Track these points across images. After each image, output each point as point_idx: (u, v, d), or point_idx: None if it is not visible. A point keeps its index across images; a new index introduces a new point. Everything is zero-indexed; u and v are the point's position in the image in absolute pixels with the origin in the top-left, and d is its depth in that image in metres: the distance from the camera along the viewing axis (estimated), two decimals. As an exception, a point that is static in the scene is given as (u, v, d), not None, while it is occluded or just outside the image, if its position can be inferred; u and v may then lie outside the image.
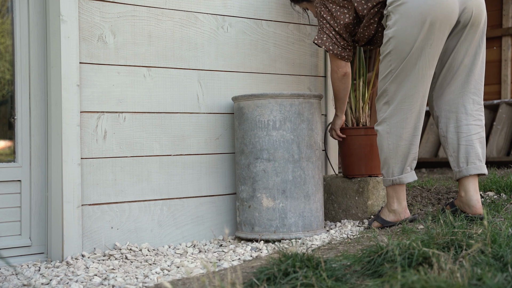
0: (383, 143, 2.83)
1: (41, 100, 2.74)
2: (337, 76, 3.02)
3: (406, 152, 2.80)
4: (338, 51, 2.96)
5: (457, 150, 2.83)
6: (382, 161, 2.86)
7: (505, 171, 4.01)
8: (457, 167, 2.84)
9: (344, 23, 2.91)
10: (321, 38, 2.97)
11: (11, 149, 2.73)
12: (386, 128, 2.81)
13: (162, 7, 2.94)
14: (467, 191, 2.80)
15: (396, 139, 2.79)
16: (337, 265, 1.98)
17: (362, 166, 3.17)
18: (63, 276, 2.36)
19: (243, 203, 2.96)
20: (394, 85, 2.77)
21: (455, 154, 2.84)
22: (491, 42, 5.95)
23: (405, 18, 2.68)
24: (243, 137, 2.95)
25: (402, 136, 2.78)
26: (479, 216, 2.76)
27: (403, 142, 2.79)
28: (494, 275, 1.77)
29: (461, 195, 2.82)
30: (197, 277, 2.10)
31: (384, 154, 2.83)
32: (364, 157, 3.16)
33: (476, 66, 2.83)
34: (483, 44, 2.83)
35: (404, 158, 2.81)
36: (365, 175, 3.18)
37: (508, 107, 5.24)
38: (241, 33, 3.18)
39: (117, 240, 2.80)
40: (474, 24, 2.76)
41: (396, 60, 2.74)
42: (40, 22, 2.73)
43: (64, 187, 2.65)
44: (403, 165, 2.81)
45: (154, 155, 2.91)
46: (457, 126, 2.83)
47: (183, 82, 3.00)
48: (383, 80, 2.82)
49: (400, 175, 2.82)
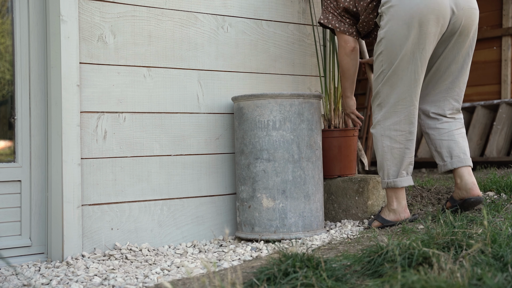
0: (378, 146, 2.86)
1: (41, 100, 2.74)
2: (345, 52, 3.01)
3: (401, 156, 2.83)
4: (345, 28, 2.98)
5: (439, 145, 2.93)
6: (378, 163, 2.89)
7: (505, 171, 4.01)
8: (442, 161, 2.93)
9: (343, 7, 2.94)
10: (327, 17, 3.01)
11: (11, 149, 2.73)
12: (380, 131, 2.84)
13: (162, 7, 2.94)
14: (462, 176, 2.88)
15: (391, 142, 2.82)
16: (337, 265, 1.98)
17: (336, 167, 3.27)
18: (63, 276, 2.36)
19: (243, 203, 2.96)
20: (386, 88, 2.80)
21: (438, 149, 2.94)
22: (491, 42, 5.95)
23: (395, 20, 2.71)
24: (243, 137, 2.95)
25: (396, 139, 2.81)
26: (478, 198, 2.84)
27: (397, 145, 2.82)
28: (494, 275, 1.77)
29: (457, 182, 2.90)
30: (197, 277, 2.10)
31: (380, 156, 2.86)
32: (333, 158, 3.25)
33: (463, 75, 2.90)
34: (471, 53, 2.88)
35: (399, 162, 2.83)
36: (335, 175, 3.27)
37: (508, 107, 5.24)
38: (241, 33, 3.18)
39: (117, 240, 2.80)
40: (463, 33, 2.78)
41: (387, 61, 2.77)
42: (40, 22, 2.73)
43: (64, 187, 2.65)
44: (399, 168, 2.84)
45: (154, 155, 2.91)
46: (440, 123, 2.93)
47: (183, 82, 3.00)
48: (376, 80, 2.85)
49: (395, 178, 2.84)
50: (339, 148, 3.24)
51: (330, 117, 3.32)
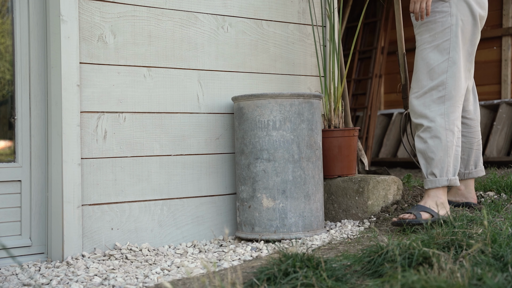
0: (440, 140, 2.71)
1: (41, 100, 2.74)
2: None
3: (457, 154, 2.76)
4: None
5: (468, 154, 3.00)
6: (436, 160, 2.73)
7: (505, 171, 4.01)
8: (466, 169, 3.02)
9: None
10: None
11: (11, 149, 2.73)
12: (446, 125, 2.71)
13: (162, 7, 2.94)
14: (467, 185, 3.02)
15: (453, 138, 2.72)
16: (337, 265, 1.98)
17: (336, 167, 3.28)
18: (63, 276, 2.36)
19: (243, 203, 2.96)
20: (452, 80, 2.72)
21: (465, 157, 3.00)
22: (491, 42, 5.95)
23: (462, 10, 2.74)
24: (243, 137, 2.95)
25: (456, 135, 2.74)
26: (473, 203, 2.99)
27: (456, 142, 2.74)
28: (494, 275, 1.77)
29: (460, 188, 3.02)
30: (197, 277, 2.10)
31: (441, 151, 2.72)
32: (333, 158, 3.26)
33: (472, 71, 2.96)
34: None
35: (456, 160, 2.76)
36: (335, 175, 3.28)
37: (508, 107, 5.23)
38: (241, 33, 3.18)
39: (117, 240, 2.80)
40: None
41: (454, 49, 2.73)
42: (40, 22, 2.73)
43: (64, 187, 2.65)
44: (456, 166, 2.76)
45: (154, 155, 2.91)
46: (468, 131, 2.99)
47: (183, 82, 3.00)
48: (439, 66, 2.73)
49: (454, 176, 2.76)
50: (339, 148, 3.24)
51: (330, 117, 3.32)
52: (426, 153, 2.76)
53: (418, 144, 2.78)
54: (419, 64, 2.79)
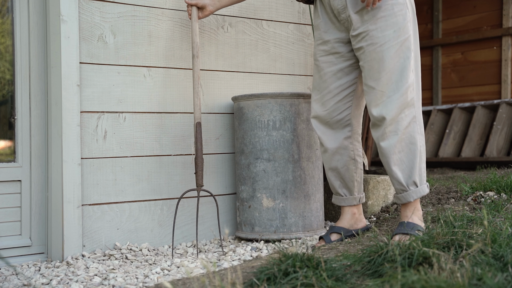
0: (415, 145, 2.50)
1: (41, 100, 2.74)
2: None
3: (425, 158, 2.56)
4: None
5: (360, 175, 2.76)
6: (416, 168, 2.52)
7: (505, 171, 4.01)
8: (360, 192, 2.79)
9: None
10: None
11: (11, 149, 2.73)
12: (419, 129, 2.51)
13: (162, 7, 2.94)
14: (359, 209, 2.80)
15: (423, 142, 2.54)
16: (337, 265, 1.98)
17: None
18: (63, 276, 2.36)
19: (243, 203, 2.96)
20: (415, 80, 2.51)
21: (359, 179, 2.77)
22: (491, 42, 5.96)
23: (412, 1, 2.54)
24: (243, 137, 2.95)
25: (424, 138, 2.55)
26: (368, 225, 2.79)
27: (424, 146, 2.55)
28: (494, 275, 1.77)
29: (355, 213, 2.79)
30: (197, 277, 2.10)
31: (416, 158, 2.50)
32: None
33: None
34: None
35: (425, 164, 2.56)
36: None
37: (508, 107, 5.24)
38: (241, 33, 3.18)
39: (117, 240, 2.80)
40: None
41: (414, 45, 2.49)
42: (40, 22, 2.73)
43: (64, 187, 2.65)
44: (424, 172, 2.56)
45: (154, 155, 2.91)
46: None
47: (183, 82, 3.00)
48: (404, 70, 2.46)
49: (425, 183, 2.57)
50: None
51: None
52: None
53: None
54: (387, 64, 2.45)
